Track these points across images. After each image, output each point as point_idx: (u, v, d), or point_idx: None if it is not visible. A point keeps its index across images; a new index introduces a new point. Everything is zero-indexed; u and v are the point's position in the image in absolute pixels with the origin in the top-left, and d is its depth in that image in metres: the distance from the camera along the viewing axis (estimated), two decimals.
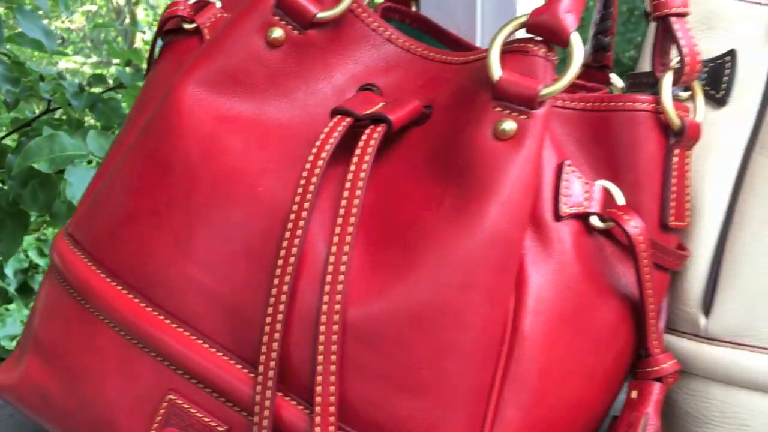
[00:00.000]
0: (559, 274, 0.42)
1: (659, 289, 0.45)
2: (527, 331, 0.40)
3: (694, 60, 0.44)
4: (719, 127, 0.47)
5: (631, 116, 0.44)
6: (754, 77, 0.47)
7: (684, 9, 0.44)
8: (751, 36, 0.48)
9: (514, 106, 0.40)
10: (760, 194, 0.43)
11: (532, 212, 0.42)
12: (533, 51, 0.40)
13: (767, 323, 0.42)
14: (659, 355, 0.43)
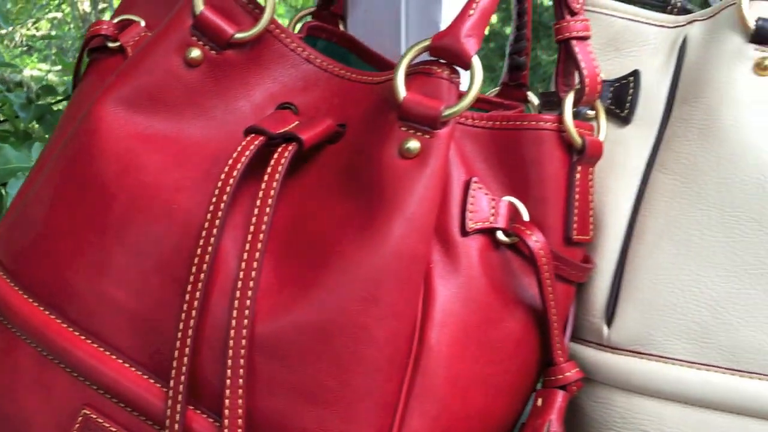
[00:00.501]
0: (466, 287, 0.43)
1: (564, 300, 0.46)
2: (433, 343, 0.42)
3: (594, 82, 0.46)
4: (623, 145, 0.49)
5: (536, 135, 0.46)
6: (657, 97, 0.49)
7: (585, 33, 0.46)
8: (654, 57, 0.50)
9: (418, 126, 0.41)
10: (658, 209, 0.45)
11: (440, 228, 0.44)
12: (437, 73, 0.42)
13: (663, 332, 0.44)
14: (563, 364, 0.45)
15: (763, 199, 0.42)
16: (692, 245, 0.44)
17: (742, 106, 0.44)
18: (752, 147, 0.43)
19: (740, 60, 0.45)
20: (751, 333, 0.42)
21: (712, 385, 0.42)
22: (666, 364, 0.44)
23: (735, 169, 0.43)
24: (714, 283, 0.43)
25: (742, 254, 0.42)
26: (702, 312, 0.43)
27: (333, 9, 0.59)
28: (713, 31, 0.47)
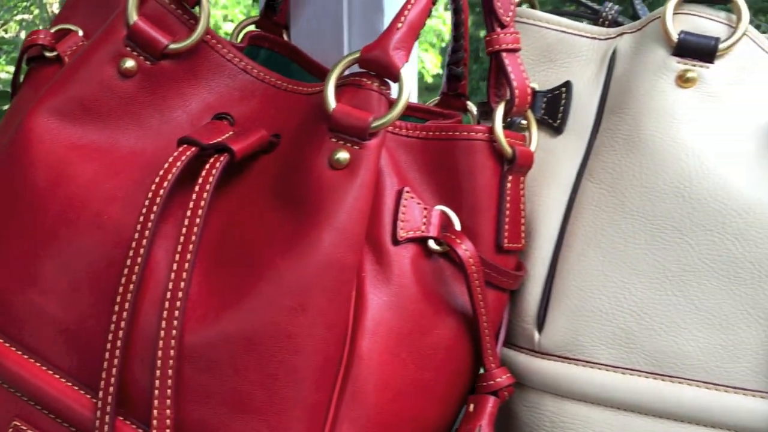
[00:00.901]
0: (398, 295, 0.44)
1: (496, 307, 0.47)
2: (364, 351, 0.42)
3: (524, 93, 0.47)
4: (555, 154, 0.50)
5: (468, 145, 0.46)
6: (588, 107, 0.50)
7: (515, 45, 0.47)
8: (586, 69, 0.51)
9: (347, 137, 0.42)
10: (586, 217, 0.47)
11: (372, 237, 0.44)
12: (367, 85, 0.43)
13: (590, 338, 0.45)
14: (494, 370, 0.46)
15: (683, 208, 0.44)
16: (617, 253, 0.45)
17: (664, 117, 0.45)
18: (672, 157, 0.44)
19: (664, 72, 0.46)
20: (672, 338, 0.43)
21: (636, 389, 0.44)
22: (592, 369, 0.45)
23: (657, 179, 0.44)
24: (638, 290, 0.44)
25: (664, 262, 0.44)
26: (626, 318, 0.44)
27: (276, 18, 0.60)
28: (640, 43, 0.49)
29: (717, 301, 0.42)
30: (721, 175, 0.43)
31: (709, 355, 0.42)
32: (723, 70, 0.46)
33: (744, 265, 0.42)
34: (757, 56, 0.47)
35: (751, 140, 0.44)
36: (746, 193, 0.43)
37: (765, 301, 0.42)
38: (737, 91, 0.46)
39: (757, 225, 0.42)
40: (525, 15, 0.53)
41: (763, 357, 0.42)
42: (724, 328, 0.42)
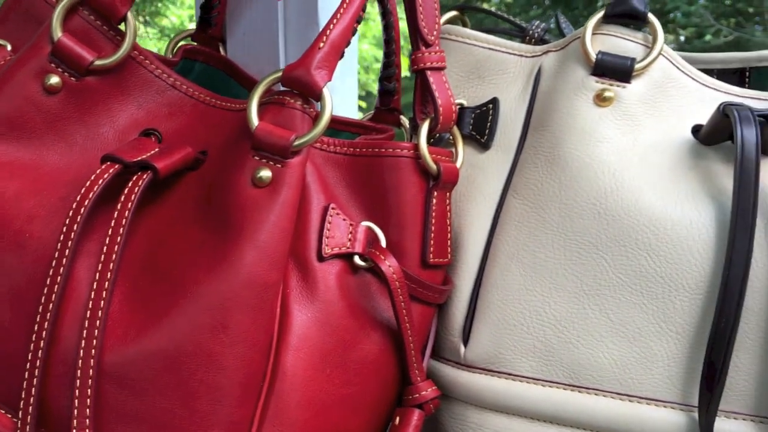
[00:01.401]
0: (323, 311, 0.44)
1: (422, 321, 0.48)
2: (288, 367, 0.43)
3: (448, 111, 0.48)
4: (483, 169, 0.51)
5: (393, 162, 0.47)
6: (514, 124, 0.51)
7: (440, 64, 0.48)
8: (514, 85, 0.52)
9: (269, 155, 0.42)
10: (509, 232, 0.48)
11: (298, 254, 0.45)
12: (290, 103, 0.43)
13: (512, 351, 0.46)
14: (420, 383, 0.46)
15: (599, 223, 0.45)
16: (538, 267, 0.46)
17: (582, 135, 0.47)
18: (589, 175, 0.46)
19: (582, 91, 0.48)
20: (588, 351, 0.44)
21: (554, 400, 0.45)
22: (514, 381, 0.46)
23: (575, 195, 0.46)
24: (557, 304, 0.45)
25: (582, 276, 0.45)
26: (546, 331, 0.45)
27: (211, 32, 0.60)
28: (562, 62, 0.50)
29: (630, 315, 0.44)
30: (635, 192, 0.45)
31: (623, 367, 0.44)
32: (639, 89, 0.47)
33: (655, 280, 0.43)
34: (673, 75, 0.48)
35: (665, 158, 0.46)
36: (658, 209, 0.44)
37: (675, 314, 0.43)
38: (652, 110, 0.47)
39: (667, 241, 0.43)
40: (454, 33, 0.54)
41: (673, 369, 0.43)
42: (637, 341, 0.44)
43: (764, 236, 0.42)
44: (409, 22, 0.48)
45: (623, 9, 0.48)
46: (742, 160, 0.41)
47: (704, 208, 0.43)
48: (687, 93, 0.48)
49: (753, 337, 0.42)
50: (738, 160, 0.41)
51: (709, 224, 0.43)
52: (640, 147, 0.46)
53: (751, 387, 0.42)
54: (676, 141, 0.46)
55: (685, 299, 0.43)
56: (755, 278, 0.42)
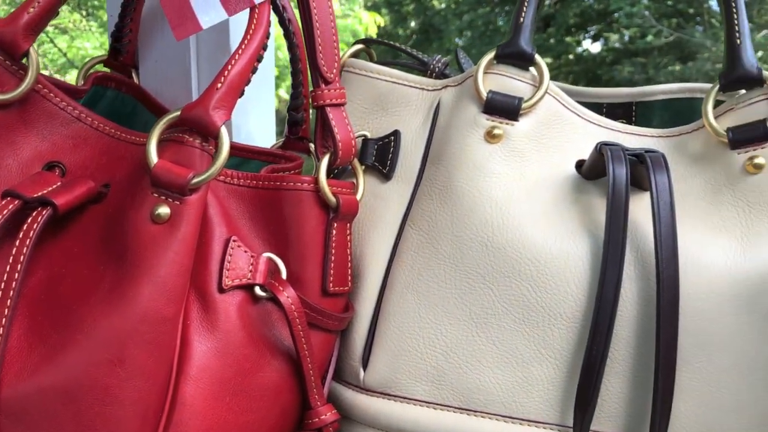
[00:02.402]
0: (223, 341, 0.46)
1: (323, 348, 0.50)
2: (187, 397, 0.44)
3: (347, 146, 0.50)
4: (384, 200, 0.53)
5: (294, 195, 0.49)
6: (414, 156, 0.53)
7: (339, 100, 0.50)
8: (415, 118, 0.54)
9: (168, 192, 0.44)
10: (406, 262, 0.50)
11: (199, 286, 0.46)
12: (189, 141, 0.44)
13: (406, 375, 0.48)
14: (320, 407, 0.48)
15: (486, 256, 0.47)
16: (431, 296, 0.48)
17: (473, 170, 0.49)
18: (478, 209, 0.48)
19: (474, 128, 0.50)
20: (476, 376, 0.47)
21: (445, 423, 0.47)
22: (408, 404, 0.48)
23: (465, 228, 0.48)
24: (448, 331, 0.48)
25: (470, 305, 0.48)
26: (438, 357, 0.48)
27: (123, 59, 0.60)
28: (458, 98, 0.52)
29: (514, 342, 0.47)
30: (519, 226, 0.47)
31: (507, 391, 0.47)
32: (526, 126, 0.50)
33: (536, 309, 0.46)
34: (559, 113, 0.51)
35: (549, 192, 0.49)
36: (539, 243, 0.47)
37: (553, 341, 0.46)
38: (539, 146, 0.50)
39: (547, 273, 0.46)
40: (358, 66, 0.56)
41: (551, 392, 0.46)
42: (520, 366, 0.46)
43: (633, 268, 0.45)
44: (309, 60, 0.50)
45: (512, 50, 0.51)
46: (613, 197, 0.44)
47: (581, 241, 0.47)
48: (572, 129, 0.51)
49: (623, 363, 0.45)
50: (609, 196, 0.44)
51: (585, 257, 0.46)
52: (526, 182, 0.49)
53: (621, 408, 0.45)
54: (560, 176, 0.49)
55: (562, 327, 0.46)
56: (624, 308, 0.45)
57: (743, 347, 0.44)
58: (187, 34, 0.46)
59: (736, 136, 0.47)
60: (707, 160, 0.49)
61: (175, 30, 0.45)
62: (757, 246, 0.45)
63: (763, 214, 0.45)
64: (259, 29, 0.46)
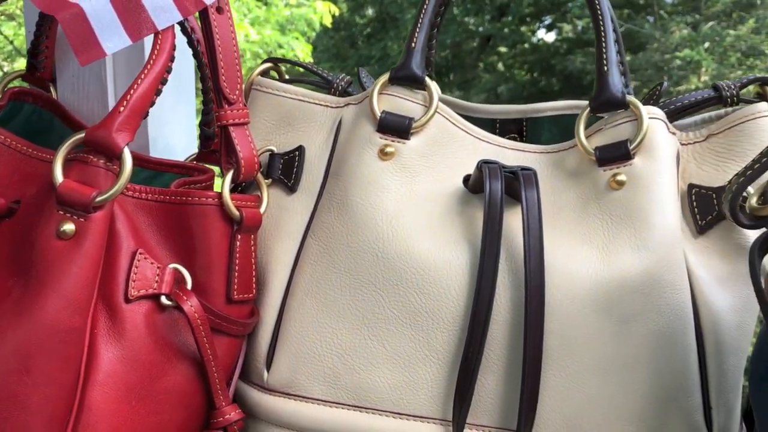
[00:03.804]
0: (129, 348, 0.49)
1: (229, 352, 0.53)
2: (93, 402, 0.47)
3: (250, 163, 0.53)
4: (289, 211, 0.56)
5: (200, 209, 0.52)
6: (318, 170, 0.57)
7: (242, 120, 0.53)
8: (319, 134, 0.58)
9: (73, 210, 0.46)
10: (306, 270, 0.54)
11: (107, 297, 0.49)
12: (93, 161, 0.47)
13: (306, 376, 0.52)
14: (224, 407, 0.52)
15: (377, 265, 0.51)
16: (328, 303, 0.52)
17: (366, 185, 0.53)
18: (371, 221, 0.52)
19: (369, 145, 0.54)
20: (368, 376, 0.51)
21: (340, 420, 0.51)
22: (307, 403, 0.52)
23: (359, 239, 0.52)
24: (343, 335, 0.52)
25: (363, 311, 0.52)
26: (334, 359, 0.52)
27: (41, 74, 0.62)
28: (357, 116, 0.56)
29: (402, 344, 0.51)
30: (407, 238, 0.51)
31: (395, 389, 0.51)
32: (417, 144, 0.54)
33: (422, 314, 0.50)
34: (449, 130, 0.55)
35: (436, 205, 0.53)
36: (424, 253, 0.51)
37: (437, 343, 0.50)
38: (429, 162, 0.54)
39: (431, 281, 0.50)
40: (265, 85, 0.59)
41: (435, 390, 0.50)
42: (407, 367, 0.51)
43: (507, 276, 0.50)
44: (212, 81, 0.53)
45: (404, 73, 0.55)
46: (488, 211, 0.49)
47: (462, 251, 0.51)
48: (462, 146, 0.55)
49: (497, 362, 0.50)
50: (485, 210, 0.49)
51: (464, 266, 0.50)
52: (416, 196, 0.53)
53: (495, 403, 0.50)
54: (448, 190, 0.54)
55: (444, 330, 0.50)
56: (499, 313, 0.49)
57: (602, 348, 0.49)
58: (91, 60, 0.48)
59: (603, 155, 0.52)
60: (579, 176, 0.53)
61: (79, 56, 0.48)
62: (616, 255, 0.50)
63: (623, 227, 0.50)
64: (162, 54, 0.49)
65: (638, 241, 0.49)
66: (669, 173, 0.51)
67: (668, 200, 0.51)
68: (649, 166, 0.51)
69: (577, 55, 8.63)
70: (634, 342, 0.48)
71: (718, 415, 0.49)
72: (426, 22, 0.56)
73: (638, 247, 0.49)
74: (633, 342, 0.48)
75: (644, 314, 0.48)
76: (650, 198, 0.50)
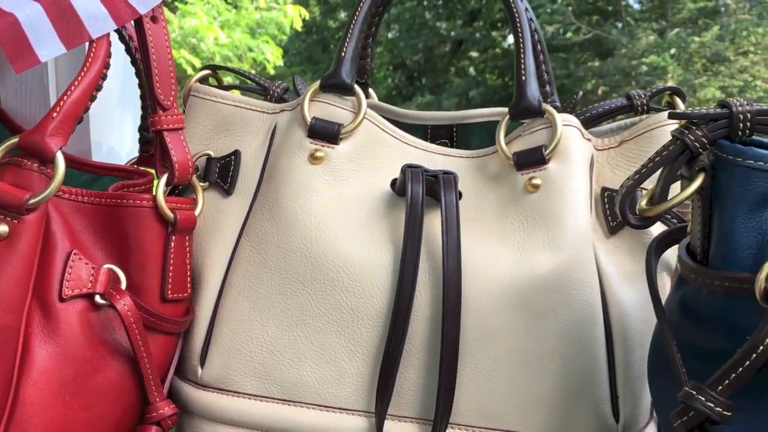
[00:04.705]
0: (63, 346, 0.51)
1: (163, 349, 0.55)
2: (27, 397, 0.49)
3: (183, 167, 0.55)
4: (225, 213, 0.59)
5: (135, 211, 0.54)
6: (253, 174, 0.59)
7: (176, 125, 0.55)
8: (255, 139, 0.60)
9: (6, 212, 0.48)
10: (239, 270, 0.56)
11: (41, 297, 0.51)
12: (27, 165, 0.49)
13: (237, 372, 0.54)
14: (158, 403, 0.54)
15: (306, 265, 0.54)
16: (260, 301, 0.54)
17: (297, 188, 0.55)
18: (300, 223, 0.54)
19: (299, 150, 0.56)
20: (296, 370, 0.53)
21: (269, 413, 0.53)
22: (238, 398, 0.54)
23: (288, 240, 0.54)
24: (273, 332, 0.54)
25: (292, 308, 0.54)
26: (264, 355, 0.54)
27: None
28: (290, 122, 0.58)
29: (328, 340, 0.53)
30: (334, 238, 0.54)
31: (322, 383, 0.53)
32: (346, 149, 0.57)
33: (347, 311, 0.53)
34: (377, 136, 0.58)
35: (364, 208, 0.55)
36: (350, 253, 0.53)
37: (361, 339, 0.53)
38: (358, 166, 0.57)
39: (356, 279, 0.53)
40: (203, 91, 0.61)
41: (360, 383, 0.53)
42: (333, 361, 0.53)
43: (428, 275, 0.52)
44: (147, 88, 0.55)
45: (334, 81, 0.57)
46: (410, 212, 0.51)
47: (387, 251, 0.53)
48: (391, 151, 0.58)
49: (418, 356, 0.52)
50: (407, 212, 0.51)
51: (387, 265, 0.53)
52: (344, 199, 0.56)
53: (417, 396, 0.52)
54: (376, 193, 0.56)
55: (369, 327, 0.53)
56: (419, 309, 0.52)
57: (516, 342, 0.51)
58: (25, 67, 0.50)
59: (520, 160, 0.55)
60: (500, 180, 0.56)
61: (13, 63, 0.49)
62: (530, 254, 0.53)
63: (537, 228, 0.53)
64: (96, 61, 0.51)
65: (551, 241, 0.52)
66: (582, 177, 0.55)
67: (580, 203, 0.54)
68: (562, 171, 0.54)
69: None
70: (546, 336, 0.51)
71: (625, 405, 0.52)
72: (356, 32, 0.58)
73: (550, 247, 0.52)
74: (545, 336, 0.51)
75: (555, 310, 0.51)
76: (563, 200, 0.53)
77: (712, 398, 0.38)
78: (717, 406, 0.38)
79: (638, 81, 8.02)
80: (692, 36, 7.88)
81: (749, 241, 0.40)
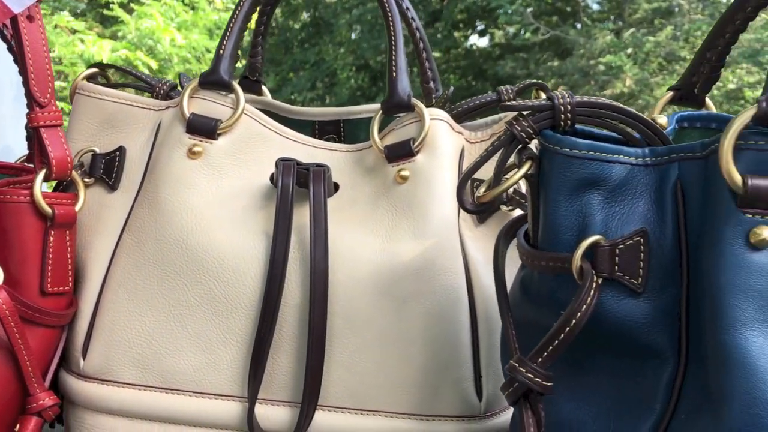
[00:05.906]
0: None
1: (45, 343, 0.56)
2: None
3: (62, 163, 0.56)
4: (109, 208, 0.60)
5: (13, 207, 0.55)
6: (138, 169, 0.60)
7: (54, 122, 0.56)
8: (141, 135, 0.61)
9: None
10: (120, 263, 0.57)
11: None
12: None
13: (117, 363, 0.56)
14: (39, 394, 0.55)
15: (182, 256, 0.55)
16: (138, 292, 0.56)
17: (175, 182, 0.57)
18: (177, 216, 0.56)
19: (178, 146, 0.58)
20: (173, 359, 0.55)
21: (148, 402, 0.55)
22: (118, 388, 0.56)
23: (165, 233, 0.56)
24: (151, 323, 0.55)
25: (169, 299, 0.55)
26: (143, 345, 0.55)
27: None
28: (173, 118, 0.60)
29: (204, 329, 0.55)
30: (210, 230, 0.56)
31: (198, 371, 0.55)
32: (225, 144, 0.59)
33: (221, 301, 0.55)
34: (257, 131, 0.60)
35: (241, 201, 0.57)
36: (224, 245, 0.55)
37: (235, 327, 0.55)
38: (237, 161, 0.59)
39: (229, 270, 0.55)
40: (89, 89, 0.62)
41: (234, 370, 0.55)
42: (209, 349, 0.55)
43: (298, 264, 0.54)
44: (24, 85, 0.56)
45: (213, 78, 0.59)
46: (279, 204, 0.53)
47: (260, 241, 0.55)
48: (271, 145, 0.60)
49: (289, 342, 0.54)
50: (277, 203, 0.53)
51: (259, 255, 0.55)
52: (222, 192, 0.57)
53: (288, 380, 0.54)
54: (254, 186, 0.58)
55: (242, 315, 0.54)
56: (289, 297, 0.54)
57: (382, 325, 0.54)
58: None
59: (391, 152, 0.57)
60: (374, 172, 0.58)
61: None
62: (397, 243, 0.55)
63: (404, 217, 0.56)
64: None
65: (416, 230, 0.55)
66: (449, 169, 0.57)
67: (447, 193, 0.56)
68: (430, 163, 0.57)
69: (508, 60, 8.85)
70: (412, 320, 0.54)
71: (487, 384, 0.54)
72: (235, 30, 0.60)
73: (416, 236, 0.55)
74: (410, 319, 0.54)
75: (420, 295, 0.54)
76: (430, 191, 0.56)
77: (532, 370, 0.41)
78: (537, 377, 0.41)
79: (596, 80, 8.16)
80: (647, 36, 8.05)
81: (570, 223, 0.42)
